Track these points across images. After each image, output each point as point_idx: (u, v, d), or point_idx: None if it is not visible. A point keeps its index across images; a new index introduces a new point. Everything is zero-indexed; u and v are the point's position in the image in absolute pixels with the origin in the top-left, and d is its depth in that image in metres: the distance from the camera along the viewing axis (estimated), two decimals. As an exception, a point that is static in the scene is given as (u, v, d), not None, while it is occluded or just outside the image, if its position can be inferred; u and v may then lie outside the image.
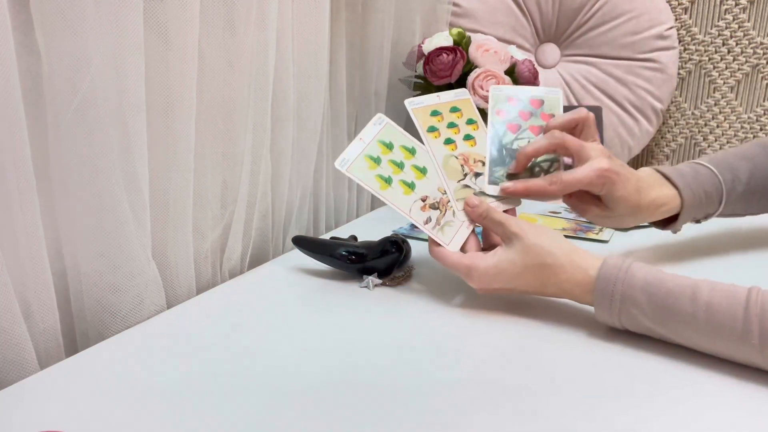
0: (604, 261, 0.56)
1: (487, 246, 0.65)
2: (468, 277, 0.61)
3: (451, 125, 0.71)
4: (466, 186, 0.68)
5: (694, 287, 0.51)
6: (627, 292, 0.53)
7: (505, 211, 0.65)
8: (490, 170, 0.69)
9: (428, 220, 0.65)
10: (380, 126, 0.68)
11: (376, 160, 0.66)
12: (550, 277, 0.58)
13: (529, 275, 0.59)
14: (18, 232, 0.50)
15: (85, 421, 0.44)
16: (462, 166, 0.69)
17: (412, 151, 0.68)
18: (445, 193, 0.67)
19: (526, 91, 0.73)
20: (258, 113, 0.75)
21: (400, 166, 0.67)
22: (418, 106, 0.70)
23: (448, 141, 0.70)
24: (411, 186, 0.66)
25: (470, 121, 0.72)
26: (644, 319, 0.53)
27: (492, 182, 0.69)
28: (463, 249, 0.64)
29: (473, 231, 0.66)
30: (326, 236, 0.87)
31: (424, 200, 0.66)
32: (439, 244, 0.64)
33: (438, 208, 0.66)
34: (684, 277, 0.53)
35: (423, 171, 0.67)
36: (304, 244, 0.75)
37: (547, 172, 0.68)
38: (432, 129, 0.70)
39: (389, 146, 0.67)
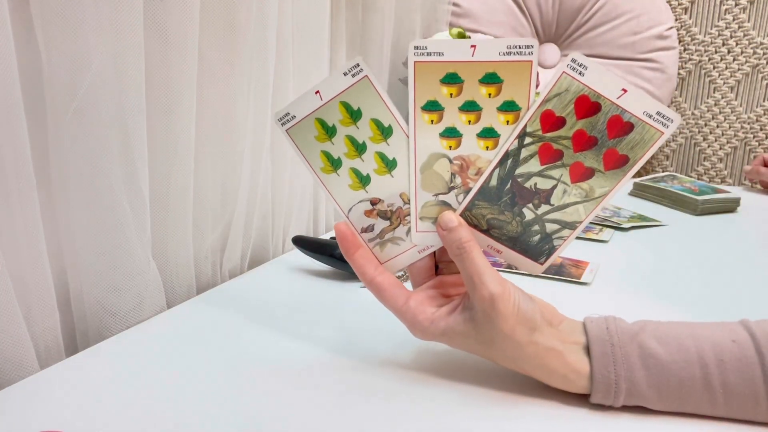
0: (593, 353, 0.45)
1: (441, 262, 0.51)
2: (411, 330, 0.48)
3: (470, 107, 0.45)
4: (444, 203, 0.47)
5: (701, 364, 0.43)
6: (633, 390, 0.44)
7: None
8: (471, 202, 0.47)
9: (369, 229, 0.49)
10: (354, 79, 0.46)
11: (329, 131, 0.47)
12: (527, 362, 0.46)
13: (493, 356, 0.47)
14: (18, 232, 0.50)
15: (85, 421, 0.44)
16: (453, 175, 0.47)
17: (385, 132, 0.46)
18: (408, 203, 0.48)
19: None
20: (258, 113, 0.75)
21: (359, 148, 0.47)
22: (427, 58, 0.44)
23: (450, 133, 0.46)
24: (363, 181, 0.48)
25: (508, 107, 0.45)
26: (652, 406, 0.45)
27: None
28: (410, 270, 0.51)
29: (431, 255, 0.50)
30: (326, 236, 0.87)
31: (374, 204, 0.48)
32: (379, 276, 0.48)
33: (389, 219, 0.49)
34: (678, 344, 0.44)
35: (390, 165, 0.47)
36: (304, 244, 0.75)
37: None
38: (431, 107, 0.45)
39: (355, 115, 0.46)
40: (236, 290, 0.71)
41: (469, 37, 1.07)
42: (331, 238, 0.77)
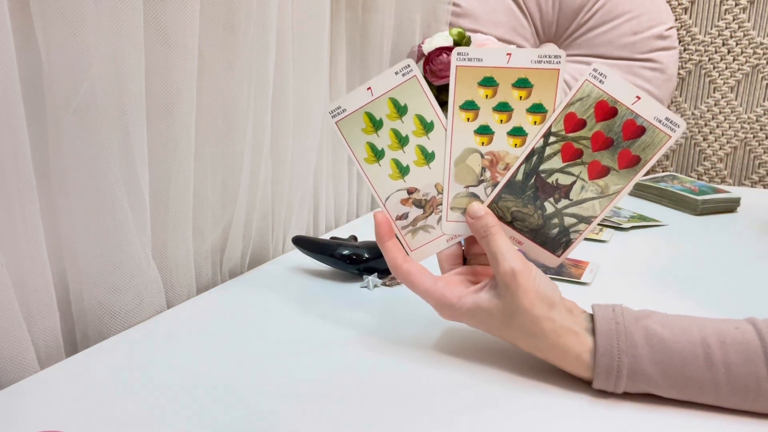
0: (598, 331, 0.46)
1: (470, 255, 0.55)
2: (439, 309, 0.52)
3: (502, 107, 0.51)
4: (473, 195, 0.52)
5: (704, 345, 0.44)
6: (635, 367, 0.45)
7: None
8: (498, 195, 0.52)
9: (403, 216, 0.54)
10: (403, 78, 0.51)
11: (377, 124, 0.52)
12: (543, 339, 0.48)
13: (513, 335, 0.49)
14: (18, 232, 0.50)
15: (85, 421, 0.44)
16: (483, 169, 0.52)
17: (427, 127, 0.52)
18: (441, 193, 0.53)
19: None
20: (258, 113, 0.75)
21: (402, 141, 0.52)
22: (467, 63, 0.50)
23: (484, 130, 0.51)
24: (403, 171, 0.53)
25: (536, 109, 0.50)
26: (656, 390, 0.46)
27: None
28: (438, 257, 0.55)
29: (458, 243, 0.55)
30: (326, 236, 0.87)
31: (410, 193, 0.53)
32: (407, 263, 0.53)
33: (422, 207, 0.53)
34: (682, 329, 0.46)
35: (428, 157, 0.52)
36: (304, 244, 0.75)
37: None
38: (469, 106, 0.51)
39: (401, 110, 0.52)
40: (236, 290, 0.71)
41: (469, 38, 1.07)
42: (332, 238, 0.77)
